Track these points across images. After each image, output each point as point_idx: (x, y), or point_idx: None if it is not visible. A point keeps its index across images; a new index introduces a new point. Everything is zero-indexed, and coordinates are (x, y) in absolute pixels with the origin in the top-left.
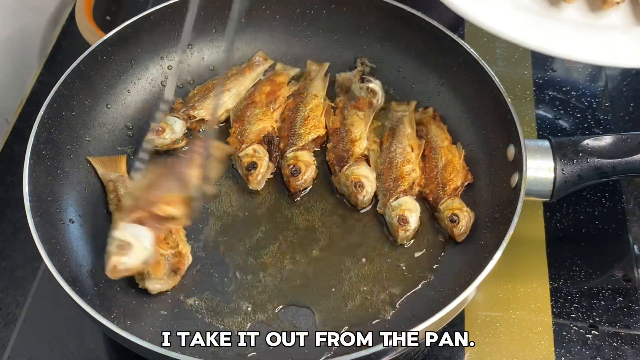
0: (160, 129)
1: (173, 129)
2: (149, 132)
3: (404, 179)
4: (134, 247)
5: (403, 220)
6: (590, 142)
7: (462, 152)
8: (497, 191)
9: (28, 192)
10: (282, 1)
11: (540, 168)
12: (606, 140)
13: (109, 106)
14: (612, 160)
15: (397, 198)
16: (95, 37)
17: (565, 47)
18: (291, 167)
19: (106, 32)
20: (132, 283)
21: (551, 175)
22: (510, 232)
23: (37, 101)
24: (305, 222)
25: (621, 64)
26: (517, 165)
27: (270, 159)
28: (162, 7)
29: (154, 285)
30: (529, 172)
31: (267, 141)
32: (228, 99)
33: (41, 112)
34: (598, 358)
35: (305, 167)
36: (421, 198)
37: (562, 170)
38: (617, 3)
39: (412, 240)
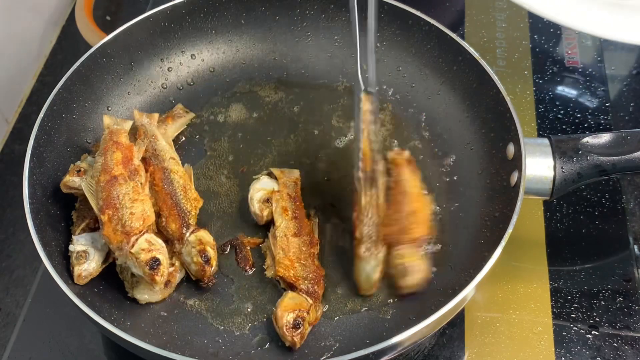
0: (81, 169)
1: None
2: (67, 172)
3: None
4: (90, 253)
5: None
6: (589, 139)
7: (431, 205)
8: (497, 190)
9: (28, 195)
10: (282, 1)
11: (539, 166)
12: (606, 137)
13: (109, 108)
14: (611, 157)
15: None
16: (95, 37)
17: (597, 25)
18: (201, 254)
19: (106, 32)
20: None
21: (551, 174)
22: (510, 230)
23: (37, 101)
24: None
25: None
26: (517, 163)
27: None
28: (162, 8)
29: (142, 296)
30: (529, 171)
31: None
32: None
33: (41, 115)
34: (598, 358)
35: (213, 250)
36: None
37: (562, 168)
38: None
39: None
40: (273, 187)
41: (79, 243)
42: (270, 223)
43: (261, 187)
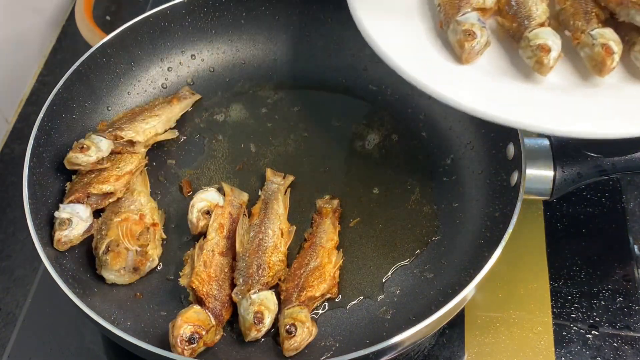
0: (84, 146)
1: (99, 147)
2: (70, 149)
3: (270, 269)
4: (73, 221)
5: (258, 319)
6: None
7: (339, 262)
8: (497, 190)
9: (28, 195)
10: (282, 1)
11: (539, 166)
12: None
13: (109, 108)
14: (611, 157)
15: (258, 290)
16: (95, 37)
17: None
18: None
19: (106, 32)
20: (132, 284)
21: (551, 174)
22: (510, 230)
23: (37, 101)
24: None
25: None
26: (517, 163)
27: None
28: (162, 9)
29: (109, 276)
30: (529, 171)
31: None
32: (157, 124)
33: (41, 115)
34: (598, 358)
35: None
36: (273, 286)
37: (562, 168)
38: (614, 68)
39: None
40: (217, 202)
41: (65, 211)
42: (201, 235)
43: (205, 198)
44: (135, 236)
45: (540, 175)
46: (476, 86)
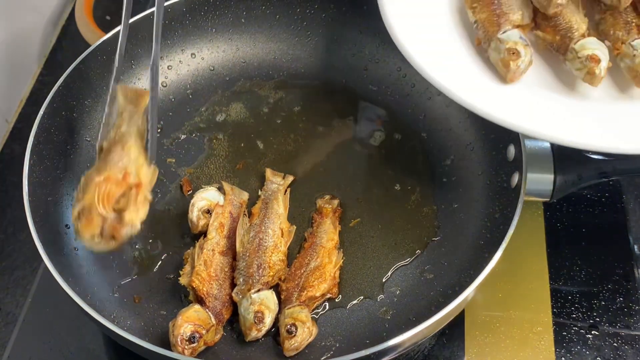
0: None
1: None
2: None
3: (270, 268)
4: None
5: (259, 319)
6: None
7: (339, 262)
8: (497, 191)
9: (28, 193)
10: (282, 1)
11: (540, 168)
12: None
13: None
14: (612, 159)
15: (258, 290)
16: (95, 37)
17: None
18: None
19: (106, 32)
20: (132, 283)
21: (551, 175)
22: (511, 231)
23: (37, 101)
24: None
25: None
26: (517, 165)
27: None
28: None
29: (84, 243)
30: (529, 172)
31: None
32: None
33: (41, 112)
34: (598, 358)
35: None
36: (274, 286)
37: (563, 170)
38: None
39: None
40: (218, 201)
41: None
42: (202, 234)
43: (205, 197)
44: (114, 199)
45: (540, 176)
46: (527, 104)
